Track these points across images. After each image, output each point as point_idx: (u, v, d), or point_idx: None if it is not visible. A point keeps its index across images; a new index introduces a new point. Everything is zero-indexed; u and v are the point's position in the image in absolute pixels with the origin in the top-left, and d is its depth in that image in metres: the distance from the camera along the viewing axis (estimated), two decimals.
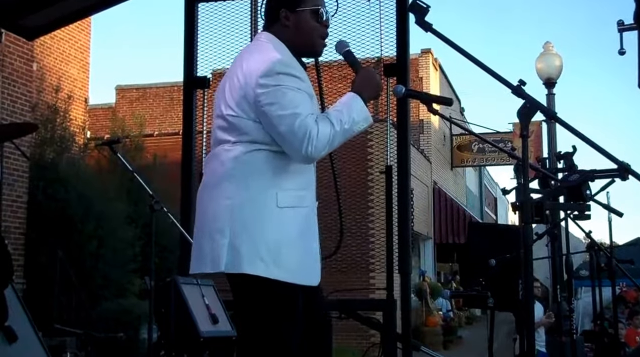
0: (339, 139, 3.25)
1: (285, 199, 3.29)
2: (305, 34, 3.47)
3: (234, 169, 3.31)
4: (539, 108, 3.41)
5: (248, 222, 3.24)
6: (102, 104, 26.32)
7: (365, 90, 3.37)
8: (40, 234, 12.11)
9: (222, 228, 3.27)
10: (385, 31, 7.76)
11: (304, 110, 3.22)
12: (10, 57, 12.02)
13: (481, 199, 38.32)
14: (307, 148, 3.18)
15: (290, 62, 3.33)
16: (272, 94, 3.22)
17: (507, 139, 26.30)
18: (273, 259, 3.22)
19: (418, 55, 25.68)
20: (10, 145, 9.17)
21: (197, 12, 7.96)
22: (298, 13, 3.44)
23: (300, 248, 3.32)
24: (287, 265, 3.25)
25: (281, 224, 3.27)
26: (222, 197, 3.30)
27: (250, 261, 3.22)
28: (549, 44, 15.16)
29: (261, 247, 3.22)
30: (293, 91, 3.23)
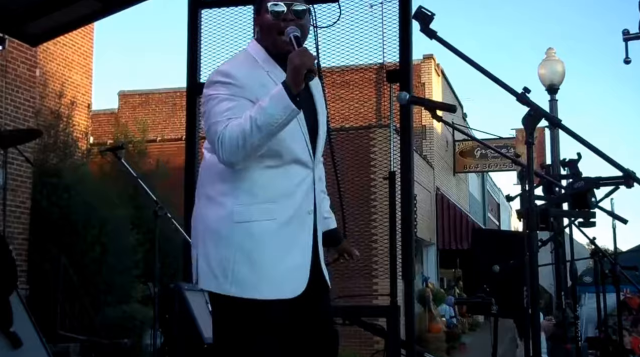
0: (255, 136, 3.10)
1: (242, 214, 3.25)
2: (265, 33, 3.43)
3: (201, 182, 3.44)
4: (544, 116, 3.42)
5: (206, 238, 3.30)
6: (105, 109, 26.31)
7: (288, 76, 3.14)
8: (44, 240, 12.10)
9: (193, 243, 3.41)
10: (388, 37, 7.76)
11: (224, 116, 3.19)
12: (14, 63, 12.02)
13: (484, 205, 38.26)
14: (220, 154, 3.17)
15: (231, 71, 3.30)
16: (204, 103, 3.31)
17: (510, 145, 26.30)
18: (224, 274, 3.23)
19: (420, 61, 25.67)
20: (14, 151, 9.17)
21: (201, 18, 7.96)
22: (261, 15, 3.43)
23: (259, 264, 3.24)
24: (240, 281, 3.22)
25: (235, 239, 3.24)
26: (195, 211, 3.44)
27: (205, 277, 3.28)
28: (551, 50, 15.16)
29: (214, 263, 3.25)
30: (223, 101, 3.23)
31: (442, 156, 27.88)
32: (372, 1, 7.88)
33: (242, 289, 3.20)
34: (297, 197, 3.33)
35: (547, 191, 8.19)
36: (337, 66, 8.61)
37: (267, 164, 3.27)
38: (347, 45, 7.98)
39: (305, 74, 3.10)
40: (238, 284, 3.20)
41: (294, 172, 3.34)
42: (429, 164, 25.07)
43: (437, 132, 26.67)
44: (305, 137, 3.37)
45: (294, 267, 3.30)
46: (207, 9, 8.02)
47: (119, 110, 26.97)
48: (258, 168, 3.26)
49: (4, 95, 11.77)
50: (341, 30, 7.80)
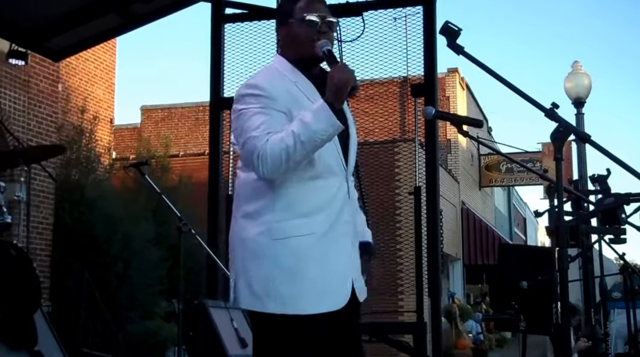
0: (299, 152, 3.10)
1: (280, 230, 3.22)
2: (300, 43, 3.39)
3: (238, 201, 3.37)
4: (573, 132, 3.40)
5: (245, 258, 3.25)
6: (128, 124, 26.36)
7: (330, 93, 3.15)
8: (66, 256, 12.06)
9: (231, 263, 3.36)
10: (412, 50, 7.71)
11: (260, 131, 3.16)
12: (36, 78, 12.02)
13: (510, 220, 38.03)
14: (261, 169, 3.14)
15: (261, 84, 3.28)
16: (236, 118, 3.29)
17: (536, 159, 26.12)
18: (267, 294, 3.18)
19: (445, 75, 25.59)
20: (37, 167, 9.14)
21: (224, 33, 7.93)
22: (291, 24, 3.40)
23: (302, 277, 3.20)
24: (283, 297, 3.18)
25: (276, 257, 3.19)
26: (232, 231, 3.38)
27: (247, 297, 3.24)
28: (577, 64, 15.02)
29: (256, 283, 3.21)
30: (256, 114, 3.20)
31: (468, 170, 27.73)
32: (396, 14, 7.83)
33: (285, 306, 3.17)
34: (333, 208, 3.31)
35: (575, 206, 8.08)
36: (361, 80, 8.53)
37: (302, 177, 3.25)
38: (371, 59, 7.95)
39: (350, 90, 3.12)
40: (281, 301, 3.17)
41: (329, 183, 3.31)
42: (454, 178, 24.94)
43: (462, 146, 26.54)
44: (338, 149, 3.35)
45: (337, 278, 3.29)
46: (230, 23, 7.98)
47: (142, 125, 27.00)
48: (294, 182, 3.23)
49: (27, 110, 11.77)
50: (365, 44, 7.77)
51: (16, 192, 6.75)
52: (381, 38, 7.90)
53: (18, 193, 6.72)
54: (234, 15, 8.03)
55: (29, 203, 8.74)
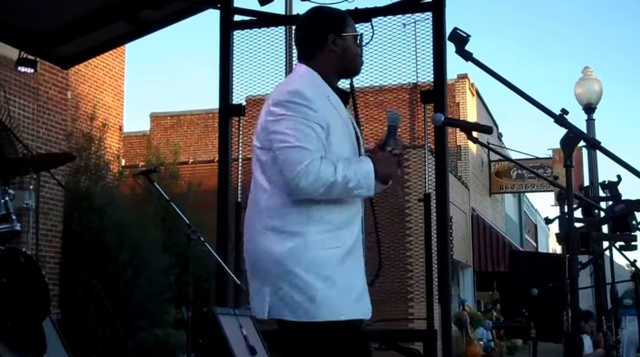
0: (337, 190, 3.21)
1: (317, 242, 3.25)
2: (350, 57, 3.49)
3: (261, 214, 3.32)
4: (583, 138, 3.39)
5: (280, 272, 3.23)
6: (137, 131, 26.34)
7: (380, 168, 3.32)
8: (76, 264, 12.05)
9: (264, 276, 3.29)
10: (421, 56, 7.68)
11: (309, 144, 3.20)
12: (45, 86, 12.03)
13: (521, 226, 37.91)
14: (297, 182, 3.16)
15: (306, 93, 3.29)
16: (275, 122, 3.25)
17: (547, 165, 26.04)
18: (312, 301, 3.20)
19: (454, 81, 25.52)
20: (46, 174, 9.14)
21: (233, 40, 7.91)
22: (344, 38, 3.47)
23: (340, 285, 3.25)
24: (327, 304, 3.21)
25: (316, 267, 3.22)
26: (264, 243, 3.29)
27: (292, 308, 3.22)
28: (588, 69, 14.98)
29: (296, 293, 3.21)
30: (300, 124, 3.22)
31: (478, 177, 27.65)
32: (405, 21, 7.80)
33: (330, 311, 3.22)
34: (355, 225, 3.41)
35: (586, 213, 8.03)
36: (370, 86, 8.56)
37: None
38: (380, 66, 7.92)
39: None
40: (327, 307, 3.21)
41: (353, 201, 3.38)
42: (464, 184, 24.87)
43: (472, 153, 26.47)
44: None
45: (363, 291, 3.38)
46: (239, 30, 7.97)
47: (151, 132, 26.98)
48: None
49: (36, 118, 11.78)
50: (374, 50, 7.74)
51: (25, 200, 6.73)
52: (390, 44, 7.88)
53: (27, 201, 6.70)
54: (242, 22, 8.02)
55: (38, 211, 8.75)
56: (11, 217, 6.26)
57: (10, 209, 6.28)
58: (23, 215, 6.92)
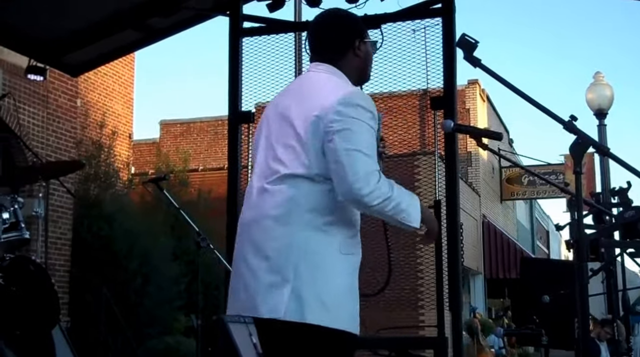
0: (390, 207, 3.13)
1: (346, 245, 3.20)
2: (369, 64, 3.50)
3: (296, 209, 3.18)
4: (592, 144, 3.39)
5: (312, 270, 3.12)
6: (147, 139, 26.38)
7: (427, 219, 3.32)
8: (85, 271, 12.05)
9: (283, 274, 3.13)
10: (431, 62, 7.64)
11: (372, 158, 3.12)
12: (55, 94, 12.05)
13: (532, 233, 37.79)
14: (365, 190, 3.06)
15: (368, 96, 3.28)
16: (347, 122, 3.12)
17: (559, 171, 25.95)
18: (337, 308, 3.13)
19: (465, 86, 25.48)
20: (55, 182, 9.15)
21: (242, 47, 7.90)
22: (366, 43, 3.46)
23: (356, 295, 3.24)
24: (350, 314, 3.18)
25: (343, 271, 3.18)
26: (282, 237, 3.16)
27: (314, 310, 3.10)
28: (599, 74, 14.93)
29: (326, 296, 3.11)
30: (368, 130, 3.15)
31: (489, 183, 27.57)
32: (415, 27, 7.77)
33: (349, 322, 3.18)
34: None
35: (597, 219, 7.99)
36: (380, 93, 8.52)
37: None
38: (390, 72, 7.88)
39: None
40: (349, 317, 3.18)
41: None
42: (475, 191, 24.80)
43: (482, 159, 26.40)
44: None
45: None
46: (248, 37, 7.95)
47: (161, 140, 27.03)
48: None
49: (46, 125, 11.79)
50: (384, 57, 7.71)
51: (34, 208, 6.73)
52: (400, 50, 7.84)
53: (36, 209, 6.71)
54: (251, 29, 7.99)
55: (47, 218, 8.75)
56: (20, 225, 6.26)
57: (20, 217, 6.28)
58: (32, 223, 6.93)
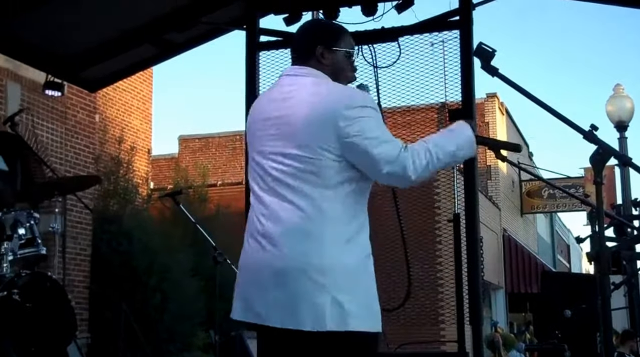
0: (438, 165, 3.22)
1: (365, 248, 3.21)
2: (339, 73, 3.39)
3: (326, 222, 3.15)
4: (613, 154, 3.34)
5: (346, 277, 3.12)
6: (165, 154, 26.50)
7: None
8: (105, 288, 12.05)
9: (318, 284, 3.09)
10: (449, 76, 7.59)
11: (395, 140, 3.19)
12: (73, 109, 12.10)
13: (553, 247, 37.62)
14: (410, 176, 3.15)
15: (364, 94, 3.31)
16: (360, 122, 3.14)
17: (579, 185, 25.84)
18: (377, 311, 3.18)
19: (484, 100, 25.45)
20: (74, 198, 9.16)
21: (259, 61, 7.87)
22: (334, 52, 3.38)
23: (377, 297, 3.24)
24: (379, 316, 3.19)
25: (369, 274, 3.21)
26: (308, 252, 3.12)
27: (357, 317, 3.10)
28: (619, 87, 14.86)
29: (364, 302, 3.15)
30: (377, 121, 3.19)
31: (509, 197, 27.48)
32: (433, 39, 7.72)
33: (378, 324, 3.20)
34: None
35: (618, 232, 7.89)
36: (398, 106, 8.47)
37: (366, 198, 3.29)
38: (408, 85, 7.83)
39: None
40: (379, 319, 3.19)
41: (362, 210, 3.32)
42: (495, 205, 24.71)
43: (502, 172, 26.32)
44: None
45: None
46: (264, 51, 7.93)
47: (179, 155, 27.15)
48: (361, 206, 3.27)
49: (64, 141, 11.83)
50: (402, 70, 7.66)
51: (51, 224, 6.73)
52: (418, 64, 7.78)
53: (53, 224, 6.70)
54: (268, 42, 7.97)
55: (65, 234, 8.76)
56: (37, 241, 6.27)
57: (36, 233, 6.29)
58: (50, 239, 6.92)
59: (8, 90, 10.76)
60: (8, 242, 6.06)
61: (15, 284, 5.80)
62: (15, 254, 6.12)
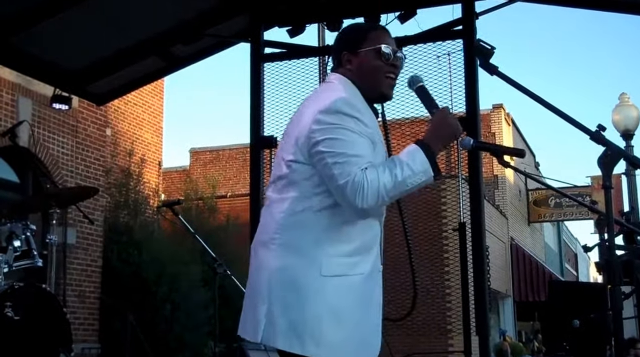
0: (391, 192, 2.87)
1: (330, 266, 2.94)
2: (369, 74, 3.20)
3: (281, 229, 3.01)
4: (622, 155, 3.12)
5: (287, 292, 2.92)
6: (177, 166, 26.71)
7: (434, 139, 3.03)
8: (115, 298, 12.10)
9: (263, 295, 2.97)
10: (456, 88, 7.62)
11: (361, 158, 2.90)
12: (84, 123, 12.18)
13: (560, 255, 37.53)
14: (355, 199, 2.83)
15: (355, 103, 3.03)
16: (328, 130, 2.93)
17: (586, 193, 25.79)
18: (311, 334, 2.89)
19: (490, 111, 25.46)
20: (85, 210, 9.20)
21: (263, 72, 7.93)
22: (360, 54, 3.21)
23: (346, 322, 2.95)
24: (328, 342, 2.91)
25: (324, 295, 2.92)
26: (265, 261, 3.01)
27: (286, 336, 2.92)
28: (624, 95, 14.86)
29: (299, 321, 2.90)
30: (353, 134, 2.93)
31: (516, 206, 27.45)
32: (438, 50, 7.76)
33: (330, 351, 2.91)
34: (374, 252, 3.10)
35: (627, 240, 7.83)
36: (406, 118, 8.50)
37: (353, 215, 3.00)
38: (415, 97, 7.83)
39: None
40: (326, 345, 2.90)
41: (372, 225, 3.10)
42: (502, 214, 24.69)
43: (509, 182, 26.30)
44: None
45: (374, 327, 3.09)
46: (269, 62, 7.98)
47: (191, 167, 27.34)
48: (345, 217, 2.98)
49: (75, 154, 11.91)
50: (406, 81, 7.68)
51: (49, 235, 6.72)
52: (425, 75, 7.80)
53: (50, 236, 6.68)
54: (272, 54, 8.03)
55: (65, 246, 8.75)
56: (33, 253, 6.25)
57: (32, 244, 6.27)
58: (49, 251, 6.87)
59: (19, 104, 10.85)
60: (2, 254, 6.01)
61: (7, 296, 5.71)
62: (10, 266, 6.06)
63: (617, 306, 3.13)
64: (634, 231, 7.62)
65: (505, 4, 7.59)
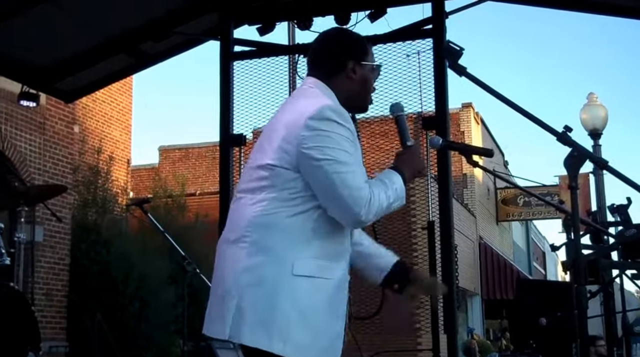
0: (384, 211, 2.97)
1: (302, 266, 2.93)
2: (364, 87, 3.23)
3: (253, 228, 2.97)
4: (588, 156, 3.12)
5: (256, 289, 2.90)
6: (146, 164, 26.55)
7: (407, 170, 3.13)
8: (83, 297, 12.04)
9: (231, 291, 2.94)
10: (425, 86, 7.64)
11: (359, 168, 2.96)
12: (52, 120, 12.10)
13: (529, 254, 37.79)
14: (362, 210, 2.89)
15: (342, 111, 3.01)
16: (321, 138, 2.91)
17: (554, 192, 25.96)
18: (279, 332, 2.88)
19: (459, 110, 25.58)
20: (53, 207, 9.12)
21: (233, 70, 7.92)
22: (365, 67, 3.22)
23: (314, 324, 2.96)
24: (295, 341, 2.90)
25: (294, 294, 2.91)
26: (235, 258, 2.98)
27: (253, 331, 2.90)
28: (592, 95, 14.97)
29: (267, 318, 2.88)
30: (346, 142, 2.94)
31: (484, 204, 27.59)
32: (408, 50, 7.79)
33: (296, 350, 2.90)
34: (344, 261, 3.11)
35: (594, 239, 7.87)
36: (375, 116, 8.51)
37: (331, 222, 2.99)
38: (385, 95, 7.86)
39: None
40: (293, 344, 2.89)
41: (345, 234, 3.10)
42: (471, 212, 24.80)
43: (478, 180, 26.43)
44: None
45: (337, 335, 3.07)
46: (239, 60, 7.97)
47: (160, 165, 27.20)
48: (325, 222, 2.98)
49: (43, 151, 11.83)
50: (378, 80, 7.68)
51: (17, 233, 6.65)
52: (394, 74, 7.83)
53: (18, 234, 6.62)
54: (242, 52, 8.02)
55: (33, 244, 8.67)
56: (1, 252, 6.20)
57: (0, 243, 6.23)
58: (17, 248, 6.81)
59: None
60: None
61: None
62: None
63: (582, 305, 3.17)
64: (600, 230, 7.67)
65: (475, 3, 7.63)
